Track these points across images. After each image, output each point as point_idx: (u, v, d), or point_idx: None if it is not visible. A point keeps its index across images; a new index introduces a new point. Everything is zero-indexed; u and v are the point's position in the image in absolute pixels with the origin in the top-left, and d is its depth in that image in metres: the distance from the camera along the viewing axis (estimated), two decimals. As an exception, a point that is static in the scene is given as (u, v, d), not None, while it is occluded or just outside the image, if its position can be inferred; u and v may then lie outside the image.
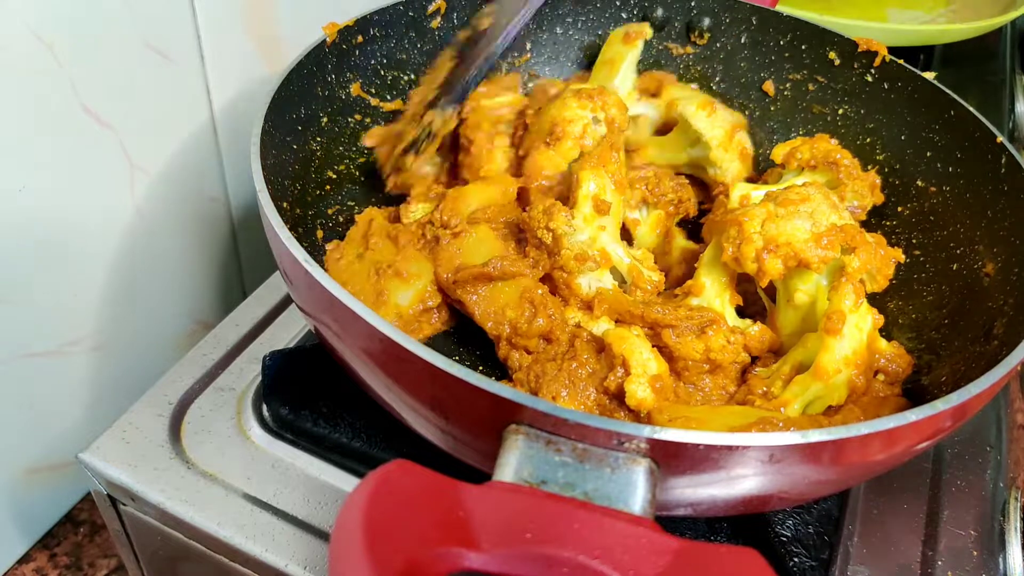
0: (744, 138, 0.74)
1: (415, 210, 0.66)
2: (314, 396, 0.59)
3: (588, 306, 0.59)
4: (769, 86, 0.80)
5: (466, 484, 0.35)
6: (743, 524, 0.55)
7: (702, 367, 0.56)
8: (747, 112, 0.81)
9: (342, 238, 0.66)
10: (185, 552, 0.57)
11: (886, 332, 0.64)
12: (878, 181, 0.69)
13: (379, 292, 0.59)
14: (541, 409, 0.37)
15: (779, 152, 0.70)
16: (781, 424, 0.48)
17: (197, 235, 0.78)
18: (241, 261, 0.85)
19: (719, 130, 0.72)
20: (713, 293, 0.60)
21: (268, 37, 0.76)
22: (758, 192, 0.66)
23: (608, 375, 0.53)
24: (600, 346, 0.55)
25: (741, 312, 0.62)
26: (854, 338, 0.53)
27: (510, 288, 0.58)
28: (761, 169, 0.76)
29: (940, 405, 0.40)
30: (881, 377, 0.57)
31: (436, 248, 0.61)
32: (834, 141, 0.71)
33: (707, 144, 0.72)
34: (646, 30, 0.78)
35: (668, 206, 0.68)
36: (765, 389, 0.55)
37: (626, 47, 0.78)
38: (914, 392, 0.57)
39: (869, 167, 0.73)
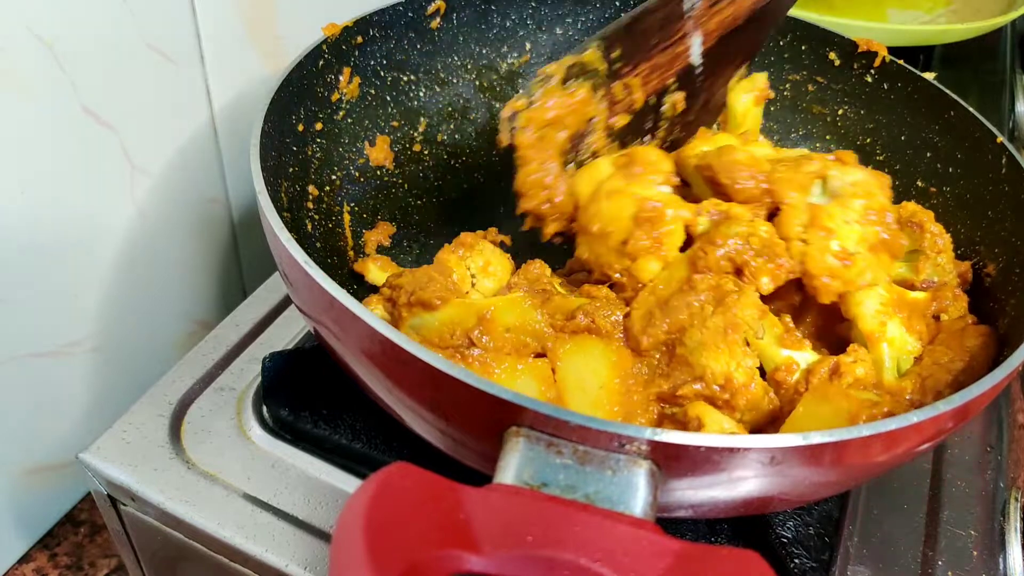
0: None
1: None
2: (314, 397, 0.59)
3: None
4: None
5: (467, 486, 0.35)
6: (744, 526, 0.55)
7: None
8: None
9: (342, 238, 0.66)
10: (185, 552, 0.57)
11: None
12: (970, 275, 0.62)
13: None
14: (542, 411, 0.37)
15: None
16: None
17: (197, 235, 0.77)
18: (241, 261, 0.85)
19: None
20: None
21: (268, 37, 0.76)
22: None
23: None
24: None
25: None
26: (874, 295, 0.54)
27: None
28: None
29: (942, 406, 0.40)
30: (945, 316, 0.56)
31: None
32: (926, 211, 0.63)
33: None
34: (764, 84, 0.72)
35: None
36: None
37: (758, 107, 0.72)
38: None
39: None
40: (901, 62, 0.71)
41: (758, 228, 0.54)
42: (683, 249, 0.57)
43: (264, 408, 0.60)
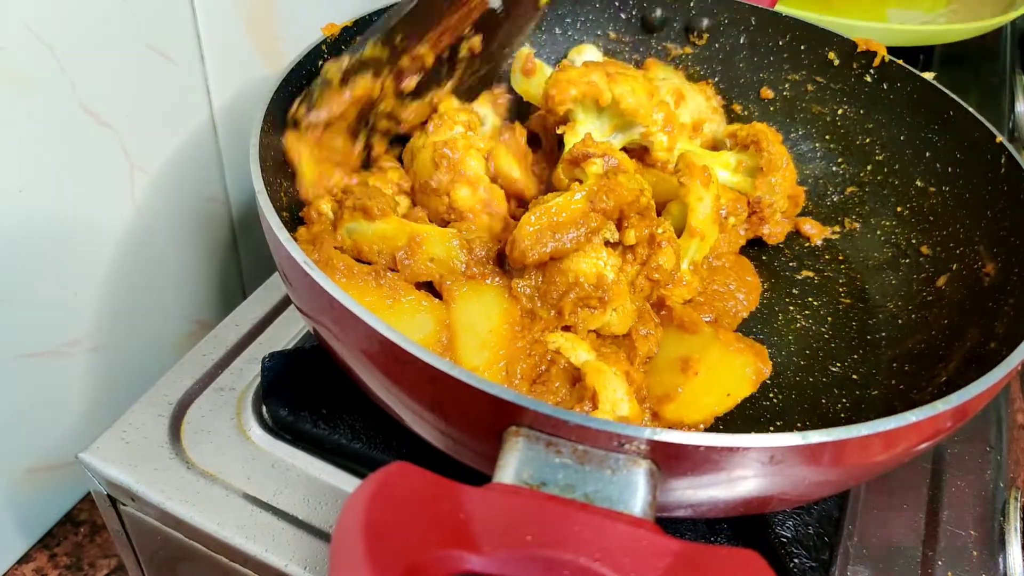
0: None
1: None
2: (314, 397, 0.59)
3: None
4: (767, 90, 0.80)
5: (466, 486, 0.35)
6: (744, 525, 0.55)
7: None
8: (746, 112, 0.81)
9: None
10: (185, 552, 0.57)
11: (887, 336, 0.64)
12: (802, 199, 0.72)
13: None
14: (542, 411, 0.37)
15: (726, 130, 0.75)
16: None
17: (197, 235, 0.78)
18: (241, 261, 0.85)
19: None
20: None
21: (268, 37, 0.76)
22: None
23: (575, 407, 0.50)
24: (575, 377, 0.53)
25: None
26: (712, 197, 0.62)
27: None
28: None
29: (940, 406, 0.40)
30: (732, 220, 0.68)
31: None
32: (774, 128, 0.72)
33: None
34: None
35: None
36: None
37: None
38: (916, 394, 0.57)
39: (868, 167, 0.74)
40: (900, 62, 0.72)
41: (646, 190, 0.59)
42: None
43: (264, 408, 0.60)
